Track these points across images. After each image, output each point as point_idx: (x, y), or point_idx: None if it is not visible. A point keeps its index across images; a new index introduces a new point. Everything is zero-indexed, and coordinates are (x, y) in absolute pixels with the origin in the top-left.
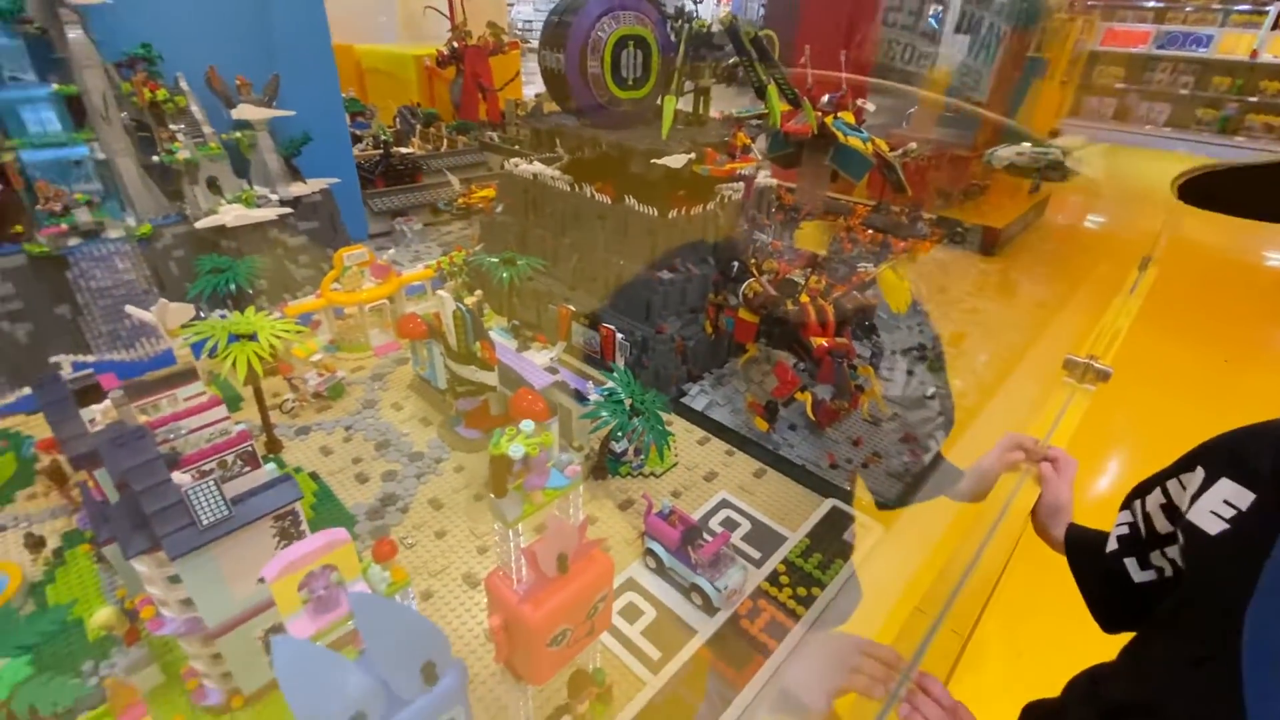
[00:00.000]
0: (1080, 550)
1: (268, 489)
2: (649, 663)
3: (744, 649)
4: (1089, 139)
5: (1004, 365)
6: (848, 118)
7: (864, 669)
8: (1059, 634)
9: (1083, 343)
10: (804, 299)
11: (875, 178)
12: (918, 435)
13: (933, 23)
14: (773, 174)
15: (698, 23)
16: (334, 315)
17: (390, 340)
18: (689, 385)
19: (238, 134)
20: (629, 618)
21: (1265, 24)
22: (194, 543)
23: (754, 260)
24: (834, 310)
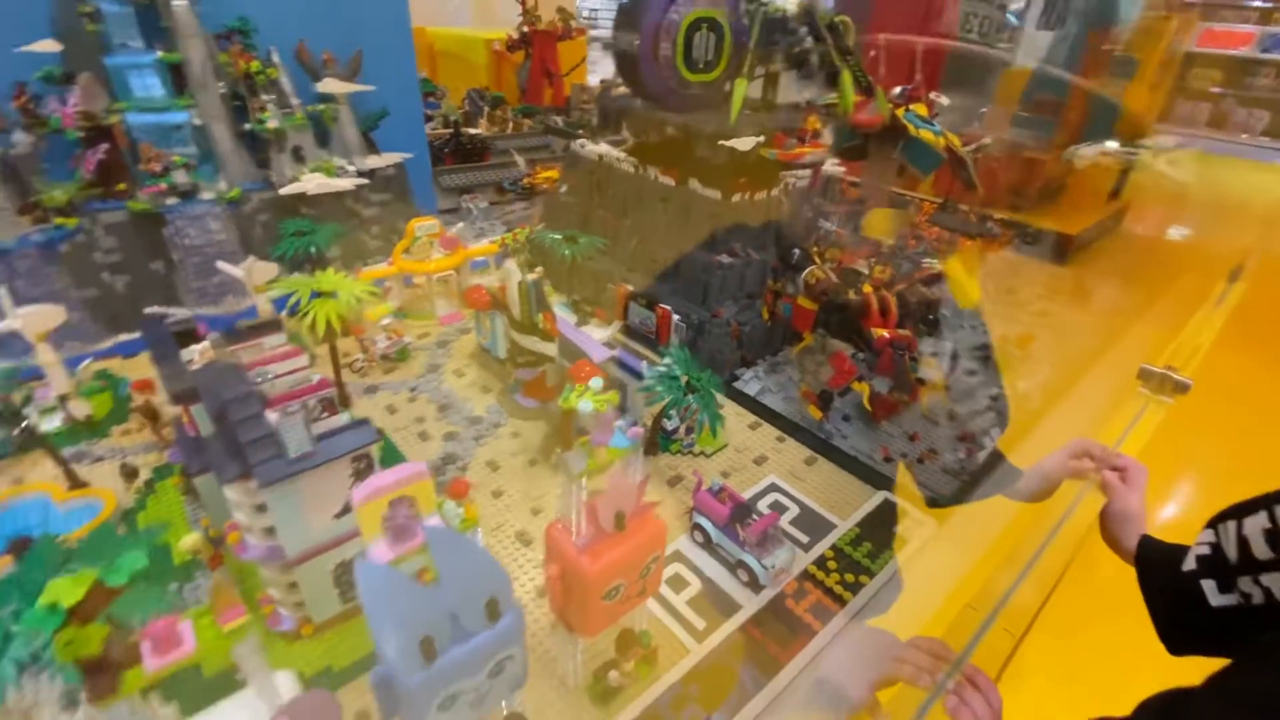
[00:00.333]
0: (1152, 565)
1: (347, 431)
2: (694, 631)
3: (788, 628)
4: (1180, 144)
5: (1074, 370)
6: (920, 110)
7: (910, 659)
8: (1117, 648)
9: (1160, 354)
10: (866, 289)
11: (944, 174)
12: (974, 433)
13: (1012, 19)
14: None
15: (772, 6)
16: (403, 283)
17: (454, 311)
18: (742, 370)
19: (321, 106)
20: (675, 587)
21: None
22: (282, 473)
23: (817, 248)
24: (897, 302)
